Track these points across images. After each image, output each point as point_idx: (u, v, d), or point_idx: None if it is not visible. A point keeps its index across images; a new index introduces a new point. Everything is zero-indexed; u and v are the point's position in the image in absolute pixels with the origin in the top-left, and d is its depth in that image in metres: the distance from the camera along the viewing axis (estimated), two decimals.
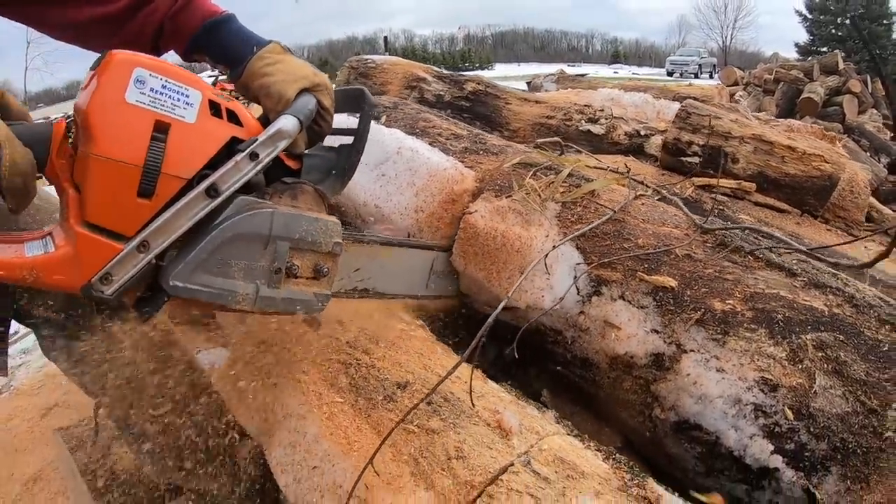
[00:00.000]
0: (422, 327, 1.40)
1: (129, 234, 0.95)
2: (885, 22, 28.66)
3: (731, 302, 1.16)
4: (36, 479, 2.48)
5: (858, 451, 1.04)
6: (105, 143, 0.91)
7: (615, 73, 41.20)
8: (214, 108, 0.99)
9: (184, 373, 1.24)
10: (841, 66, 9.08)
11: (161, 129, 0.94)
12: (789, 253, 1.28)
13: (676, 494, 0.95)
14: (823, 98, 8.24)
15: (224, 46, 1.17)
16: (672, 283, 1.20)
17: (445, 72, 3.31)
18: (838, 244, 1.68)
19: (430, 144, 1.82)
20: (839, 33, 28.80)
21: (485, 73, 45.51)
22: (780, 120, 2.92)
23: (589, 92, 3.17)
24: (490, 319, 1.01)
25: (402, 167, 1.73)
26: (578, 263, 1.32)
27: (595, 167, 1.88)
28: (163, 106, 0.94)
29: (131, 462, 1.47)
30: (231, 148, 1.01)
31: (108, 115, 0.91)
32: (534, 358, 1.46)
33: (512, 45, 75.21)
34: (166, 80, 0.94)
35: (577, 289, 1.30)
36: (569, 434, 1.09)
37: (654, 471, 1.21)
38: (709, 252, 1.27)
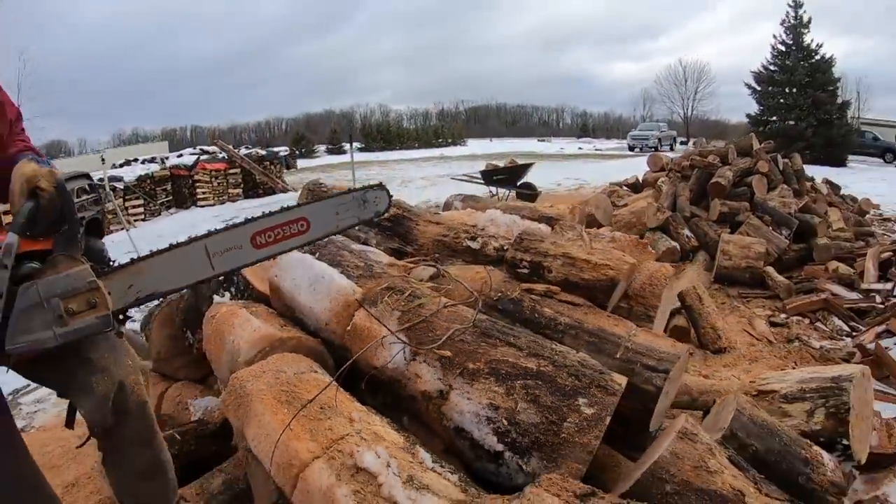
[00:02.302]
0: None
1: None
2: (829, 88, 30.24)
3: (478, 363, 2.19)
4: (74, 485, 3.41)
5: (547, 444, 2.02)
6: None
7: (579, 148, 42.55)
8: None
9: None
10: (755, 147, 10.14)
11: None
12: (519, 337, 2.31)
13: (432, 457, 1.96)
14: (732, 180, 9.19)
15: None
16: (448, 354, 2.23)
17: None
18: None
19: (340, 272, 2.87)
20: (787, 102, 30.32)
21: (458, 149, 46.92)
22: (607, 234, 3.88)
23: (478, 213, 4.11)
24: (348, 364, 2.06)
25: (324, 285, 2.78)
26: (406, 344, 2.34)
27: (458, 271, 2.94)
28: None
29: None
30: None
31: None
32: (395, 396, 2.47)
33: (485, 121, 76.73)
34: None
35: (405, 357, 2.32)
36: (390, 427, 2.10)
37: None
38: (473, 338, 2.30)
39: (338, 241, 3.37)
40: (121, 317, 1.85)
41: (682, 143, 39.69)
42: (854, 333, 5.89)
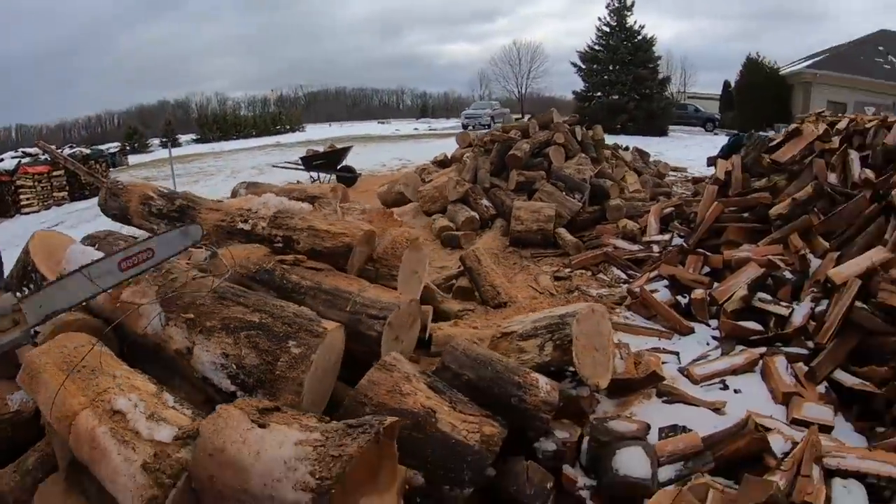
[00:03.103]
0: None
1: None
2: (649, 66, 32.78)
3: (214, 322, 2.77)
4: None
5: (267, 381, 2.61)
6: None
7: (415, 129, 43.12)
8: None
9: None
10: (555, 121, 11.03)
11: None
12: (247, 297, 2.89)
13: (174, 399, 2.51)
14: (530, 152, 10.05)
15: None
16: (191, 316, 2.80)
17: (165, 190, 4.64)
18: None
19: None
20: (610, 79, 32.63)
21: (296, 135, 46.55)
22: (358, 208, 4.52)
23: (254, 198, 4.57)
24: (109, 328, 2.60)
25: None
26: (160, 312, 2.88)
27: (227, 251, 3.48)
28: None
29: None
30: None
31: None
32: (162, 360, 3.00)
33: (325, 106, 75.98)
34: None
35: (161, 322, 2.86)
36: (148, 381, 2.62)
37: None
38: (212, 301, 2.87)
39: (117, 234, 3.81)
40: (32, 332, 2.30)
41: (516, 119, 40.50)
42: (631, 280, 6.68)
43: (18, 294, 2.30)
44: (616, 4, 33.38)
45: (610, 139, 13.27)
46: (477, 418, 2.62)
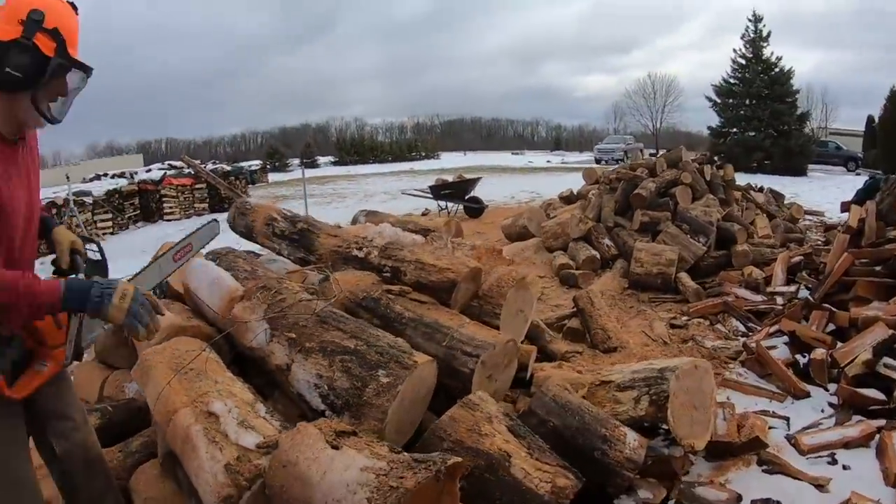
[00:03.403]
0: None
1: None
2: (787, 100, 30.97)
3: (313, 343, 2.91)
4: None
5: (354, 405, 2.72)
6: None
7: (548, 161, 43.06)
8: None
9: None
10: (683, 159, 10.52)
11: None
12: (347, 322, 3.02)
13: (266, 409, 2.66)
14: (656, 191, 9.64)
15: None
16: (293, 335, 2.96)
17: (289, 213, 4.88)
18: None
19: (232, 275, 3.57)
20: (746, 114, 31.05)
21: (430, 162, 47.46)
22: (469, 243, 4.59)
23: (370, 226, 4.77)
24: (218, 338, 2.82)
25: (219, 285, 3.50)
26: (266, 328, 3.07)
27: (341, 276, 3.66)
28: None
29: None
30: None
31: None
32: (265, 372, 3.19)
33: (460, 134, 77.08)
34: None
35: (266, 338, 3.04)
36: (246, 390, 2.81)
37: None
38: (313, 323, 3.01)
39: (238, 251, 4.06)
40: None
41: (650, 154, 39.32)
42: (750, 333, 6.15)
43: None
44: (751, 35, 31.99)
45: (745, 178, 12.69)
46: (552, 468, 2.59)
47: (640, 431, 3.17)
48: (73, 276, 2.36)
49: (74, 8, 2.18)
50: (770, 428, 3.93)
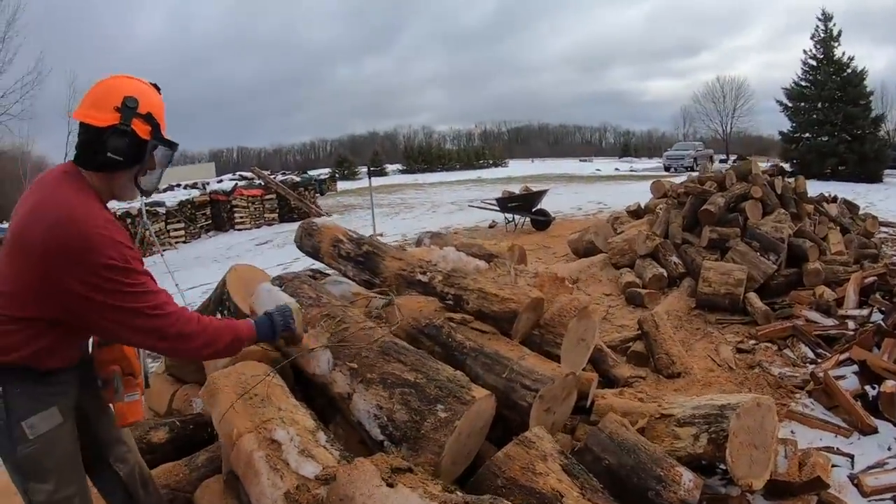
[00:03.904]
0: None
1: None
2: (861, 102, 29.91)
3: (374, 374, 2.98)
4: None
5: (411, 438, 2.77)
6: None
7: (616, 169, 42.56)
8: None
9: None
10: (753, 172, 10.14)
11: None
12: (408, 355, 3.07)
13: (327, 438, 2.73)
14: (724, 206, 9.31)
15: None
16: (355, 365, 3.04)
17: (354, 235, 4.93)
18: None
19: (296, 301, 3.65)
20: (818, 118, 30.16)
21: (498, 171, 47.47)
22: (531, 271, 4.57)
23: (435, 250, 4.80)
24: (281, 364, 2.95)
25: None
26: (329, 357, 3.15)
27: (405, 301, 3.73)
28: None
29: None
30: None
31: None
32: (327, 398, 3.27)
33: (527, 141, 76.92)
34: None
35: (329, 366, 3.12)
36: (309, 417, 2.88)
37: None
38: (375, 354, 3.09)
39: (303, 277, 4.16)
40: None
41: (720, 161, 39.32)
42: (819, 360, 5.91)
43: None
44: (821, 34, 30.99)
45: (819, 186, 12.16)
46: None
47: (697, 468, 3.15)
48: None
49: (158, 89, 2.40)
50: (833, 466, 3.80)
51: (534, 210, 14.70)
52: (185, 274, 12.12)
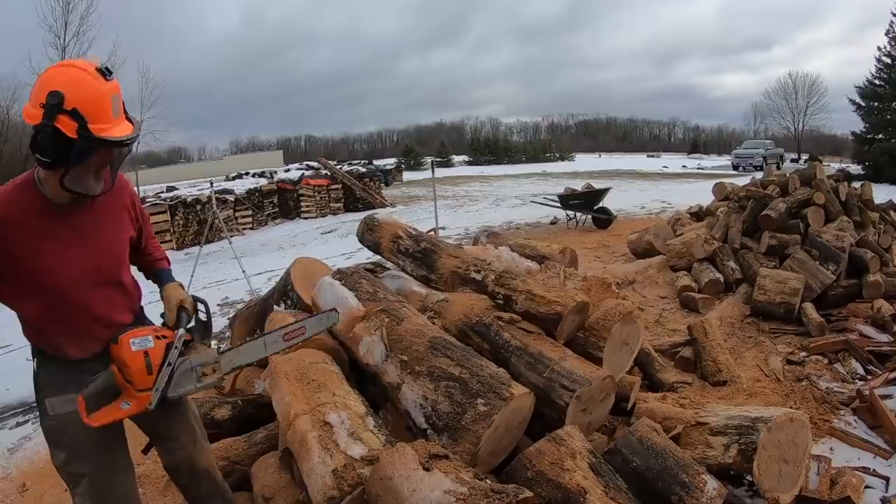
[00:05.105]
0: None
1: None
2: None
3: (422, 367, 3.23)
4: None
5: (452, 428, 3.00)
6: None
7: (683, 166, 41.82)
8: None
9: None
10: (818, 177, 9.71)
11: None
12: (455, 350, 3.30)
13: (375, 422, 2.99)
14: (785, 212, 9.05)
15: None
16: (405, 358, 3.31)
17: (414, 231, 5.16)
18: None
19: (355, 295, 3.94)
20: (892, 118, 28.57)
21: (564, 164, 47.14)
22: (579, 274, 4.68)
23: (490, 249, 4.95)
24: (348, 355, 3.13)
25: (343, 305, 3.87)
26: (382, 349, 3.42)
27: (458, 298, 3.97)
28: None
29: None
30: None
31: None
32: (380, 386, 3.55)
33: (595, 135, 76.00)
34: None
35: (382, 357, 3.40)
36: (360, 403, 3.18)
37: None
38: (424, 348, 3.33)
39: (362, 272, 4.41)
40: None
41: (792, 160, 37.96)
42: (868, 377, 5.74)
43: (219, 348, 2.78)
44: None
45: (891, 191, 11.59)
46: None
47: (727, 478, 3.23)
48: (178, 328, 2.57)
49: (105, 74, 2.12)
50: (866, 487, 3.73)
51: (595, 208, 14.66)
52: (252, 260, 12.65)
